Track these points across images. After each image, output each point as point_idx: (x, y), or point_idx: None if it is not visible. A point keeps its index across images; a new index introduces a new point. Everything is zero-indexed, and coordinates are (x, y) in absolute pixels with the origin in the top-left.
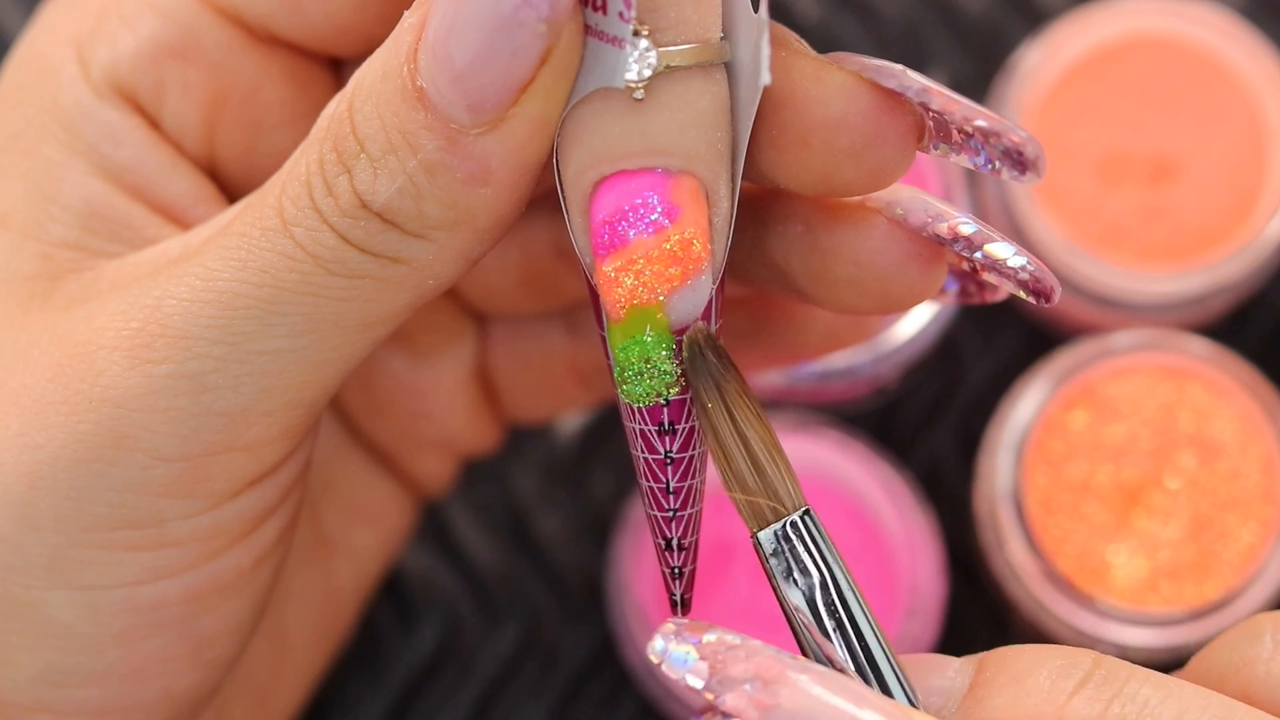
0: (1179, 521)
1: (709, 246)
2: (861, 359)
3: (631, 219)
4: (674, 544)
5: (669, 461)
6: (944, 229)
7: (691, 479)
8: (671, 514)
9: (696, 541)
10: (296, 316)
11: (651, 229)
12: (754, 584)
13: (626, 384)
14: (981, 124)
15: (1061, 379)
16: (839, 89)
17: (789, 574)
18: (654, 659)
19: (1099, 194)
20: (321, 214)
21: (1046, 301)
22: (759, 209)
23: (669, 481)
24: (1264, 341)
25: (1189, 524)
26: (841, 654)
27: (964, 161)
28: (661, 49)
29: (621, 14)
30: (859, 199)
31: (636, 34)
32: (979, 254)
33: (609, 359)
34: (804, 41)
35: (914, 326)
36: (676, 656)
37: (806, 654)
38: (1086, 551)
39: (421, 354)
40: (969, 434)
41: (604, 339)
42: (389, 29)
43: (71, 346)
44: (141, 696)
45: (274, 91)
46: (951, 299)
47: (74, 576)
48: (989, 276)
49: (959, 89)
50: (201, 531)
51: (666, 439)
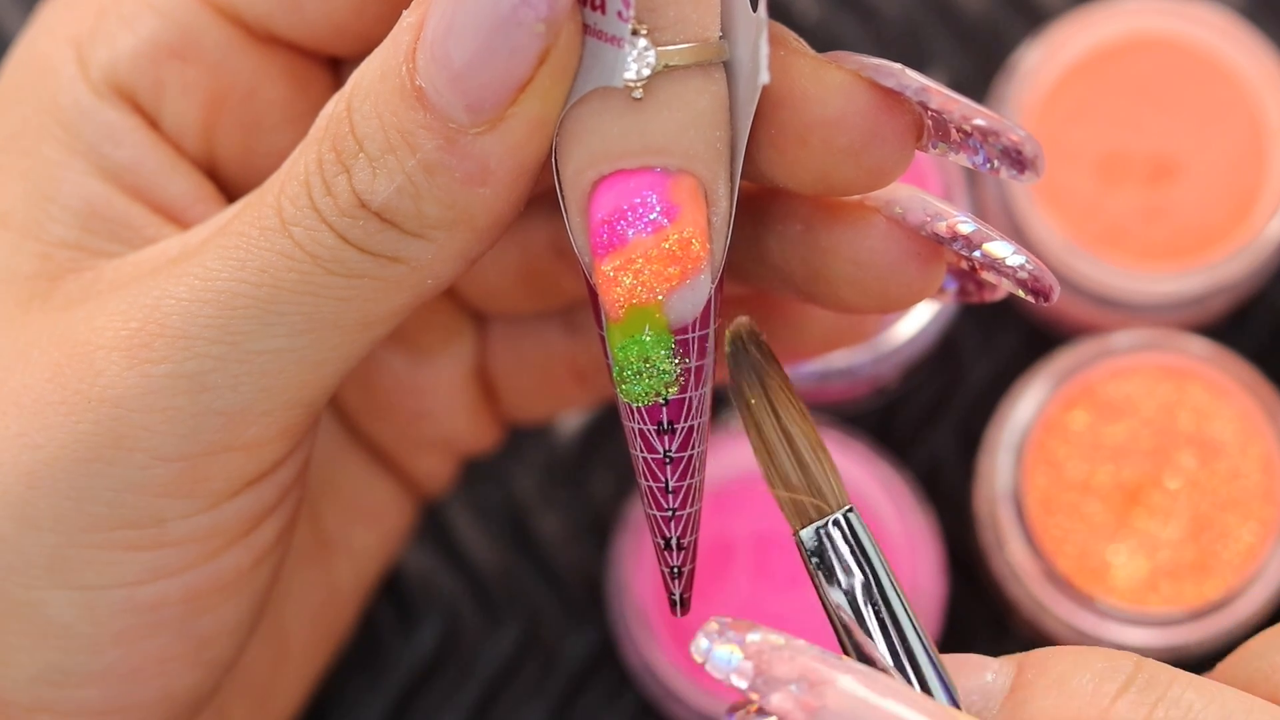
0: (1179, 521)
1: (708, 246)
2: (861, 359)
3: (630, 218)
4: (673, 543)
5: (668, 461)
6: (943, 228)
7: (690, 478)
8: (670, 513)
9: (696, 541)
10: (295, 316)
11: (650, 228)
12: (754, 584)
13: (625, 383)
14: (980, 123)
15: (1061, 379)
16: (838, 88)
17: (832, 572)
18: (697, 658)
19: (1099, 194)
20: (320, 213)
21: (1045, 300)
22: (758, 208)
23: (668, 481)
24: (1264, 341)
25: (1189, 524)
26: (883, 653)
27: (963, 160)
28: (660, 48)
29: (620, 13)
30: (858, 198)
31: (635, 33)
32: (978, 253)
33: (608, 358)
34: (802, 40)
35: (914, 326)
36: (720, 656)
37: (847, 653)
38: (1086, 551)
39: (421, 353)
40: (969, 434)
41: (603, 338)
42: (388, 29)
43: (70, 346)
44: (141, 696)
45: (273, 91)
46: (950, 298)
47: (73, 576)
48: (988, 275)
49: (959, 89)
50: (200, 531)
51: (665, 438)
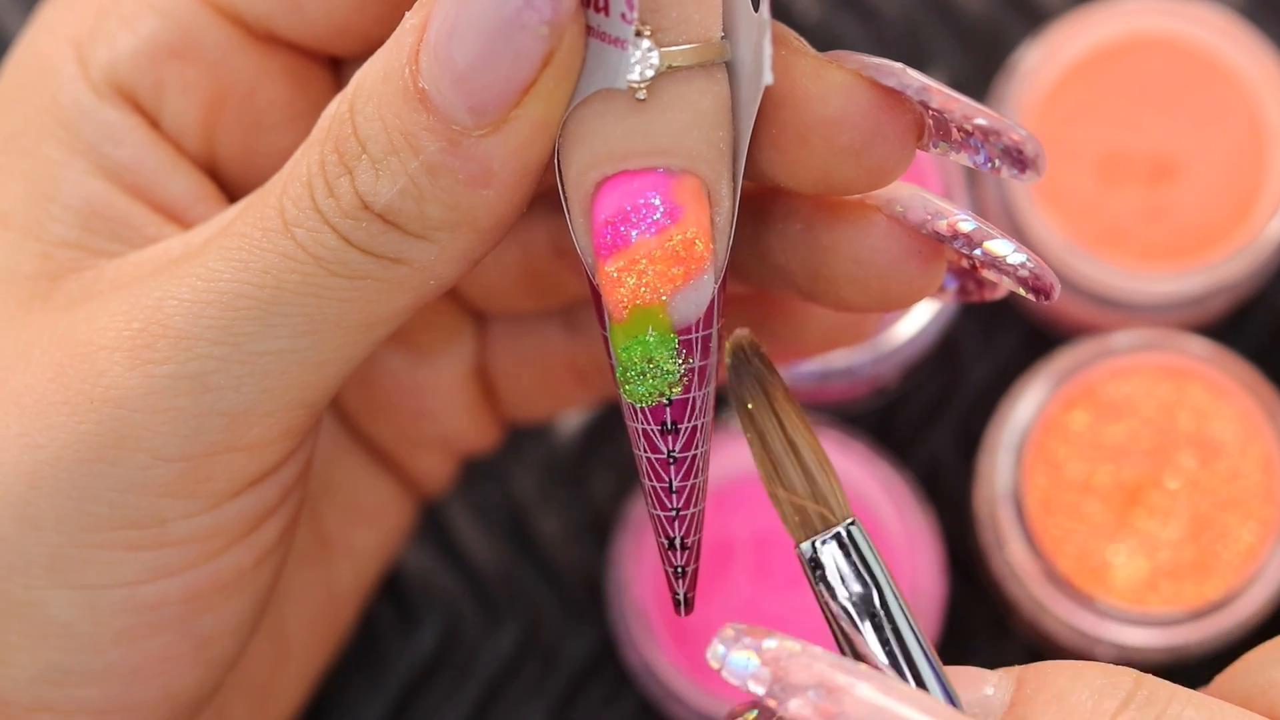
0: (1179, 521)
1: (711, 246)
2: (861, 359)
3: (634, 219)
4: (677, 543)
5: (672, 461)
6: (943, 226)
7: (694, 478)
8: (674, 513)
9: (699, 540)
10: (298, 317)
11: (654, 229)
12: (754, 584)
13: (629, 384)
14: (981, 122)
15: (1061, 379)
16: (839, 87)
17: (836, 584)
18: (713, 664)
19: (1099, 194)
20: (323, 215)
21: (1046, 298)
22: (759, 207)
23: (672, 481)
24: (1264, 341)
25: (1189, 524)
26: (887, 665)
27: (963, 160)
28: (663, 49)
29: (624, 15)
30: (858, 196)
31: (639, 34)
32: (978, 251)
33: (611, 359)
34: (803, 40)
35: (914, 326)
36: (737, 662)
37: None
38: (1086, 551)
39: (421, 353)
40: (969, 434)
41: (606, 339)
42: (388, 29)
43: (73, 347)
44: (142, 695)
45: (273, 91)
46: (951, 297)
47: (74, 576)
48: (988, 274)
49: (959, 89)
50: (202, 531)
51: (669, 438)
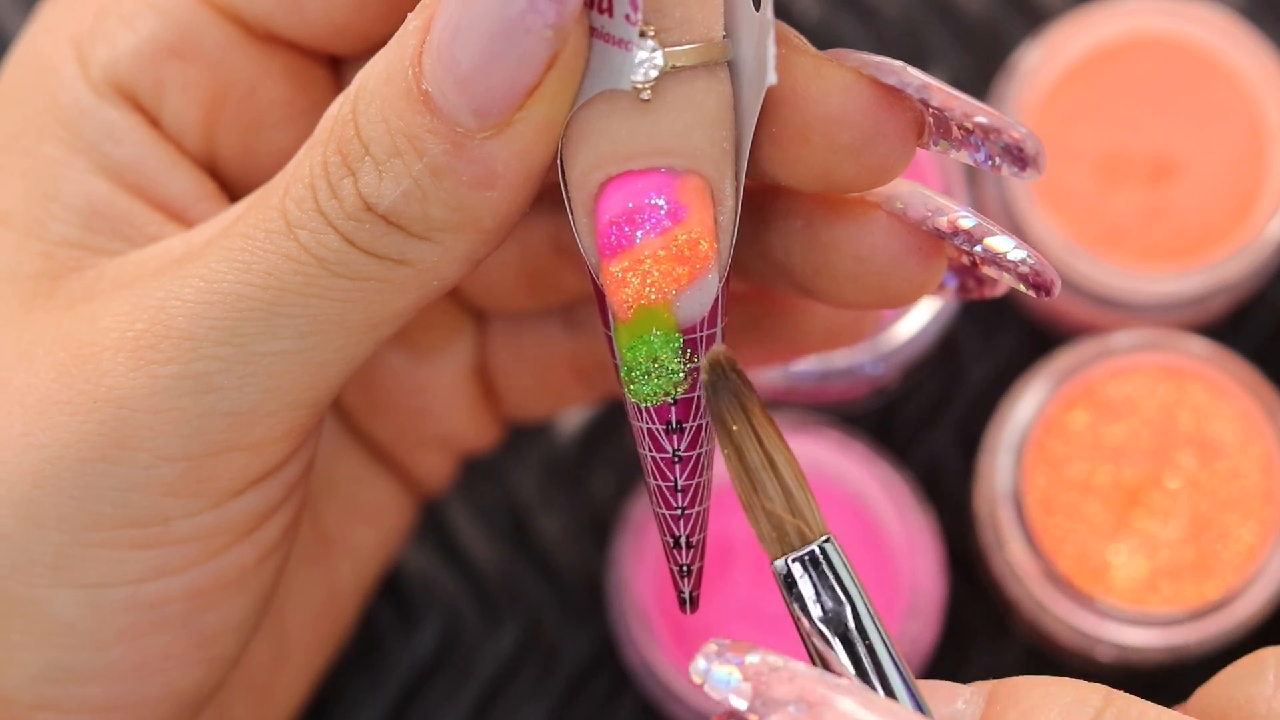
0: (1179, 521)
1: (715, 245)
2: (861, 359)
3: (638, 219)
4: (682, 541)
5: (676, 460)
6: (944, 223)
7: (699, 476)
8: (679, 512)
9: (704, 539)
10: (301, 318)
11: (658, 229)
12: (753, 584)
13: (634, 384)
14: (981, 120)
15: (1061, 379)
16: (839, 86)
17: (812, 600)
18: (696, 679)
19: (1099, 194)
20: (326, 216)
21: (1047, 295)
22: (759, 204)
23: (677, 480)
24: (1264, 341)
25: (1189, 524)
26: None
27: (964, 157)
28: (667, 49)
29: (628, 16)
30: (858, 194)
31: (642, 35)
32: (979, 247)
33: (615, 359)
34: (804, 38)
35: (914, 326)
36: (719, 677)
37: None
38: (1086, 551)
39: (421, 351)
40: (969, 434)
41: (610, 339)
42: (388, 28)
43: (76, 347)
44: (144, 693)
45: (273, 90)
46: (950, 294)
47: (77, 574)
48: (989, 270)
49: (959, 89)
50: (205, 529)
51: (674, 437)
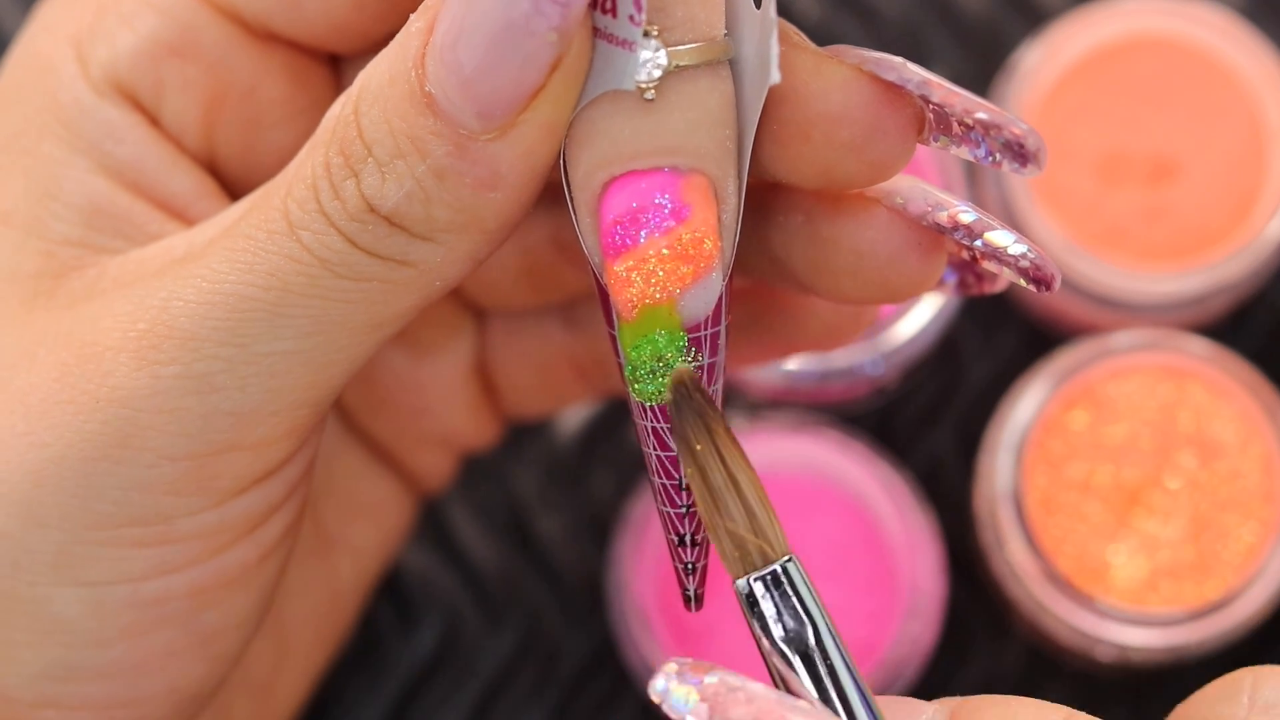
0: (1179, 521)
1: (719, 244)
2: (861, 359)
3: (642, 219)
4: (687, 539)
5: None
6: (944, 217)
7: None
8: (684, 509)
9: (708, 537)
10: (303, 319)
11: (662, 228)
12: None
13: (639, 382)
14: (982, 116)
15: (1061, 379)
16: (839, 82)
17: (773, 619)
18: (654, 699)
19: (1099, 194)
20: (328, 217)
21: (1047, 289)
22: (759, 200)
23: (682, 478)
24: (1264, 341)
25: (1189, 524)
26: (818, 702)
27: (964, 153)
28: (670, 48)
29: (632, 17)
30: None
31: (645, 34)
32: (979, 242)
33: (619, 358)
34: (803, 35)
35: (914, 326)
36: (677, 698)
37: None
38: (1086, 551)
39: (420, 350)
40: (969, 434)
41: (613, 338)
42: (387, 27)
43: (78, 347)
44: (146, 690)
45: (273, 88)
46: (950, 290)
47: (79, 573)
48: (989, 265)
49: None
50: (207, 528)
51: None
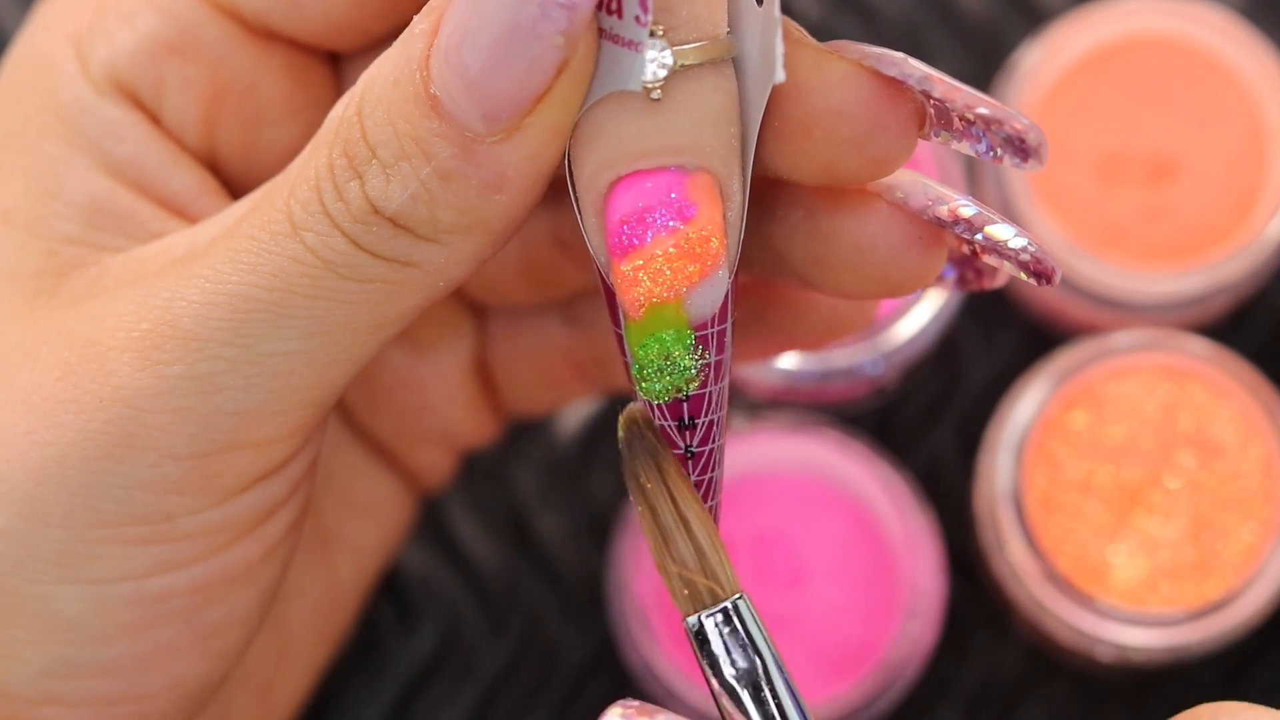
0: (1179, 521)
1: (725, 242)
2: (861, 359)
3: (649, 218)
4: None
5: (689, 456)
6: (944, 211)
7: (711, 471)
8: None
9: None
10: (307, 319)
11: (669, 228)
12: (754, 584)
13: (646, 381)
14: (983, 111)
15: (1061, 379)
16: (840, 78)
17: (721, 658)
18: None
19: (1099, 194)
20: (332, 218)
21: (1048, 283)
22: (760, 195)
23: (689, 476)
24: (1264, 341)
25: (1189, 524)
26: None
27: (965, 149)
28: (675, 48)
29: (638, 18)
30: None
31: (651, 34)
32: (979, 236)
33: (626, 356)
34: (805, 31)
35: (914, 326)
36: None
37: None
38: (1086, 551)
39: (421, 347)
40: (969, 434)
41: (620, 337)
42: (387, 25)
43: (81, 346)
44: (148, 686)
45: (273, 86)
46: (950, 286)
47: (81, 571)
48: (989, 259)
49: None
50: (210, 526)
51: (687, 433)
